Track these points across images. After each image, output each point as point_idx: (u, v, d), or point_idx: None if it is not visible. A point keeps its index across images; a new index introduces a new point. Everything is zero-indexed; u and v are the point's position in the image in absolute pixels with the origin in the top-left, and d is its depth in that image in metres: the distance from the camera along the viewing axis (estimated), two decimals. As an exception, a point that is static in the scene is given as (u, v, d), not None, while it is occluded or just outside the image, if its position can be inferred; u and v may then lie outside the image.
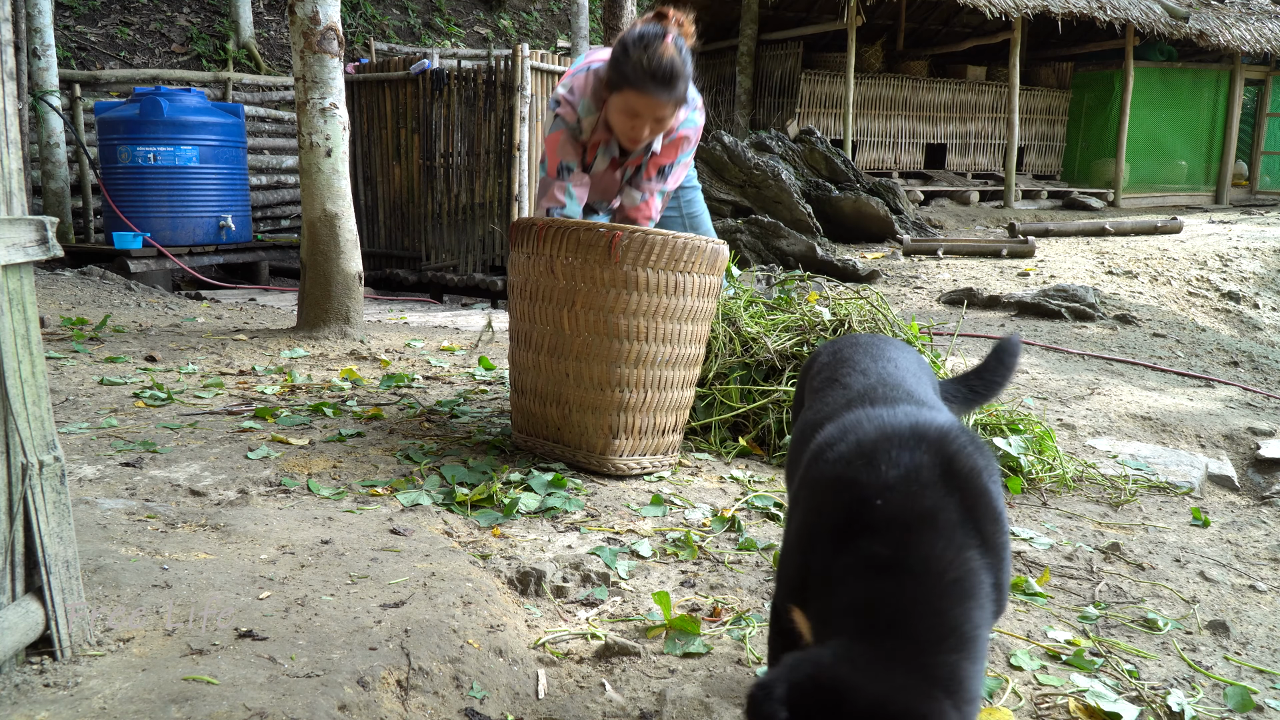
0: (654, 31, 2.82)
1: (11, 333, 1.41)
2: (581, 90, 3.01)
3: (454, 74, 8.59)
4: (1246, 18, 13.40)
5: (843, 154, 10.59)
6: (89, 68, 12.04)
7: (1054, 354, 5.17)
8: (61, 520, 1.50)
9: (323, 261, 4.99)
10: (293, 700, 1.44)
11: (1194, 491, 3.24)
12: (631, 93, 2.83)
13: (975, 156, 13.75)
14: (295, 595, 1.83)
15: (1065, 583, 2.39)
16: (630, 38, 2.84)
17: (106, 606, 1.69)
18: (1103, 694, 1.79)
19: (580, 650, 1.91)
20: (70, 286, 6.88)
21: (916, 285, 7.63)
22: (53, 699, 1.42)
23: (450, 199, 8.82)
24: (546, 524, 2.50)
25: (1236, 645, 2.12)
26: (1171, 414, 4.02)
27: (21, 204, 1.43)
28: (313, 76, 4.85)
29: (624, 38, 2.86)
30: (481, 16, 17.44)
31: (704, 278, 2.84)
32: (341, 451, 2.96)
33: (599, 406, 2.81)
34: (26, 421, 1.43)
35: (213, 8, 14.35)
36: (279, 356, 4.50)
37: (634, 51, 2.80)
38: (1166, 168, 14.48)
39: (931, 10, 14.09)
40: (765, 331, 3.37)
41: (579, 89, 3.02)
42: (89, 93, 10.21)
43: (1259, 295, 7.66)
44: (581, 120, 3.03)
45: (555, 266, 2.77)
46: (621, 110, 2.89)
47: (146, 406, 3.41)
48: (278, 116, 11.61)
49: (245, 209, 9.09)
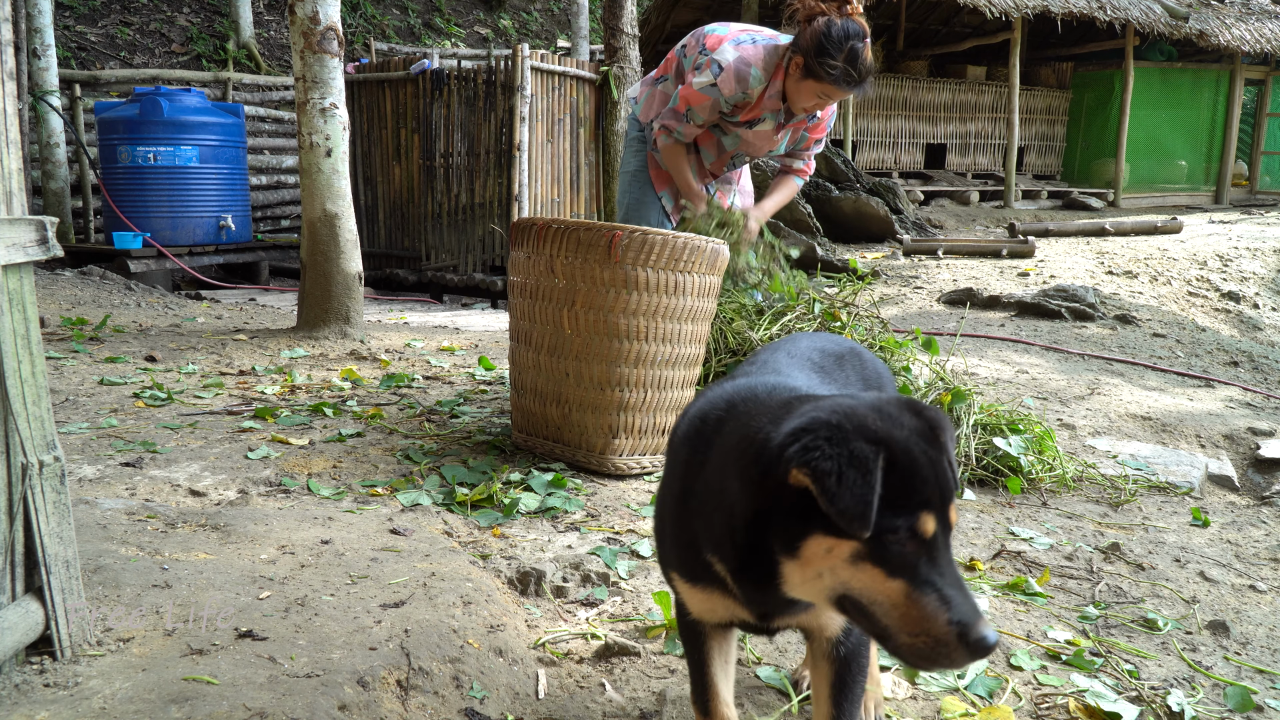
0: (855, 32, 3.05)
1: (11, 333, 1.41)
2: (753, 60, 3.22)
3: (454, 74, 8.59)
4: (1246, 18, 13.40)
5: (843, 154, 10.58)
6: (89, 68, 12.04)
7: (1054, 354, 5.17)
8: (61, 520, 1.50)
9: (323, 261, 4.99)
10: (293, 700, 1.44)
11: (1194, 491, 3.24)
12: (830, 87, 3.12)
13: (975, 156, 13.74)
14: (295, 595, 1.83)
15: (1065, 583, 2.39)
16: (832, 35, 3.04)
17: (106, 606, 1.69)
18: (1103, 694, 1.79)
19: (580, 650, 1.91)
20: (70, 286, 6.87)
21: (916, 285, 7.62)
22: (53, 699, 1.42)
23: (450, 199, 8.82)
24: (546, 524, 2.50)
25: (1236, 645, 2.12)
26: (1171, 414, 4.02)
27: (21, 204, 1.43)
28: (313, 76, 4.85)
29: (824, 32, 3.05)
30: (481, 16, 17.44)
31: (704, 277, 2.84)
32: (341, 451, 2.96)
33: (599, 406, 2.81)
34: (26, 421, 1.43)
35: (213, 8, 14.35)
36: (279, 356, 4.50)
37: (836, 54, 3.04)
38: (1166, 168, 14.47)
39: (931, 10, 14.09)
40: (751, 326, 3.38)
41: (750, 58, 3.22)
42: (89, 93, 10.21)
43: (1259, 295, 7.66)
44: (751, 89, 3.23)
45: (555, 266, 2.77)
46: (814, 93, 3.18)
47: (146, 406, 3.41)
48: (278, 116, 11.61)
49: (245, 209, 9.09)
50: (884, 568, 1.04)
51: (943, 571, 1.05)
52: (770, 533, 1.10)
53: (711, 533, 1.20)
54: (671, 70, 3.53)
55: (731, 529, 1.15)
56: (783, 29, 3.30)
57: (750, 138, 3.47)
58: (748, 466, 1.12)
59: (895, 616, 1.04)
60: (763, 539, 1.11)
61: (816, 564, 1.07)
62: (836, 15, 3.05)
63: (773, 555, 1.10)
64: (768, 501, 1.10)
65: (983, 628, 1.02)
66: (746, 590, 1.19)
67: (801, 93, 3.21)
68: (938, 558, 1.05)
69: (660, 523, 1.39)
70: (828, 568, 1.06)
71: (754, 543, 1.13)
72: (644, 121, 3.63)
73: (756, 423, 1.17)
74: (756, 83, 3.23)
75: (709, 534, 1.20)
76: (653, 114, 3.59)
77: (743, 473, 1.13)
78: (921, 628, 1.02)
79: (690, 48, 3.43)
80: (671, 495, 1.32)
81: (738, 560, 1.16)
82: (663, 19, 13.46)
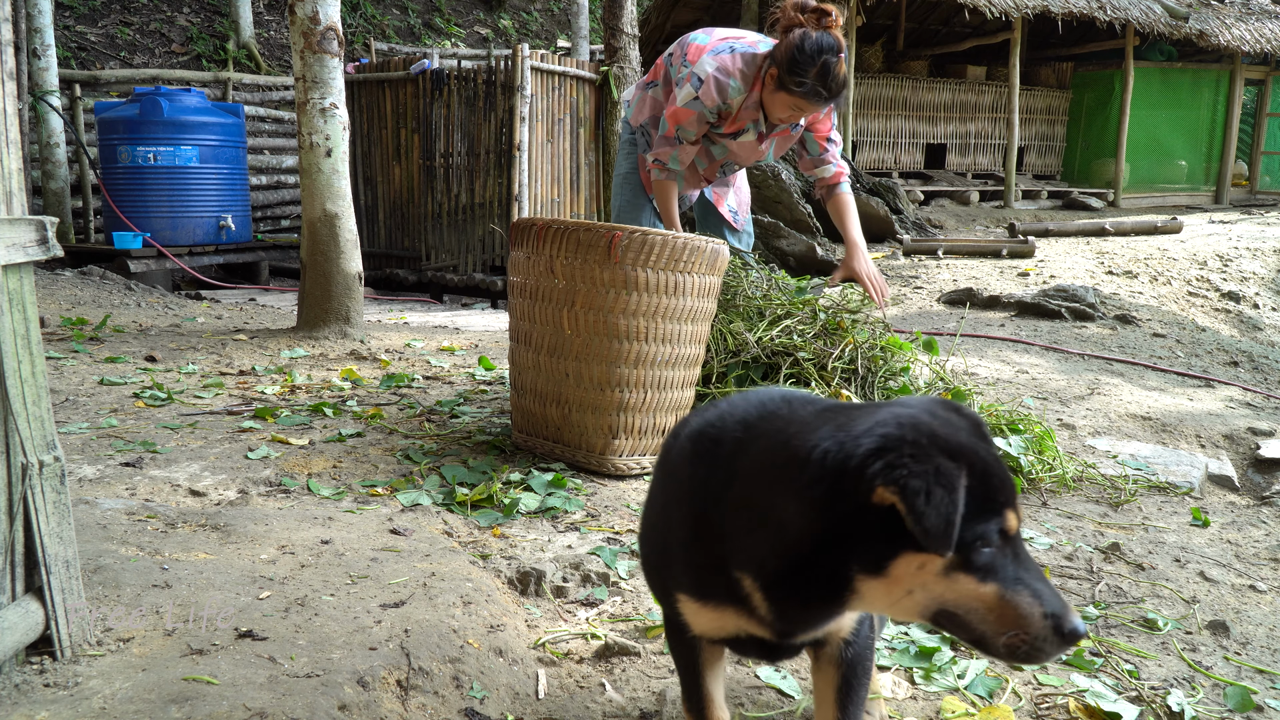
0: (829, 46, 3.04)
1: (11, 333, 1.41)
2: (732, 70, 3.23)
3: (454, 74, 8.59)
4: (1246, 18, 13.39)
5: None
6: (89, 68, 12.04)
7: (1054, 354, 5.17)
8: (61, 520, 1.50)
9: (323, 261, 4.99)
10: (293, 700, 1.44)
11: (1194, 491, 3.24)
12: (802, 100, 3.12)
13: (975, 156, 13.74)
14: (295, 595, 1.83)
15: (1065, 583, 2.39)
16: (805, 49, 3.04)
17: (106, 606, 1.69)
18: (1103, 694, 1.79)
19: (580, 650, 1.91)
20: (70, 286, 6.87)
21: (917, 285, 7.62)
22: (53, 699, 1.42)
23: (450, 199, 8.82)
24: (546, 524, 2.50)
25: (1236, 645, 2.12)
26: (1171, 414, 4.02)
27: (21, 204, 1.43)
28: (313, 76, 4.85)
29: (797, 46, 3.05)
30: (481, 16, 17.44)
31: (704, 278, 2.84)
32: (341, 451, 2.96)
33: (599, 406, 2.81)
34: (26, 421, 1.43)
35: (213, 8, 14.35)
36: (279, 356, 4.50)
37: (809, 68, 3.04)
38: (1166, 168, 14.47)
39: (931, 10, 14.08)
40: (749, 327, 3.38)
41: (728, 69, 3.23)
42: (89, 93, 10.21)
43: (1259, 295, 7.66)
44: (730, 99, 3.25)
45: (555, 266, 2.77)
46: (787, 105, 3.20)
47: (146, 406, 3.41)
48: (278, 116, 11.61)
49: (245, 209, 9.09)
50: (976, 574, 1.04)
51: (1027, 566, 1.06)
52: (845, 553, 1.07)
53: (752, 553, 1.15)
54: (660, 76, 3.56)
55: (784, 549, 1.12)
56: (767, 33, 3.32)
57: (735, 149, 3.48)
58: (808, 486, 1.09)
59: (992, 620, 1.05)
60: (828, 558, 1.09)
61: (907, 582, 1.05)
62: (814, 28, 3.06)
63: (846, 574, 1.08)
64: (836, 521, 1.07)
65: (1074, 618, 1.04)
66: (783, 609, 1.16)
67: (776, 104, 3.23)
68: (1020, 554, 1.07)
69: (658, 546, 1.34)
70: (919, 584, 1.05)
71: (817, 562, 1.09)
72: (634, 125, 3.66)
73: (802, 440, 1.12)
74: (736, 93, 3.25)
75: (748, 554, 1.16)
76: (644, 118, 3.61)
77: (801, 492, 1.09)
78: (1018, 626, 1.04)
79: (675, 56, 3.47)
80: (678, 519, 1.28)
81: (787, 582, 1.13)
82: (663, 19, 13.46)
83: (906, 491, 1.01)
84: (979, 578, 1.04)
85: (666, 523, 1.32)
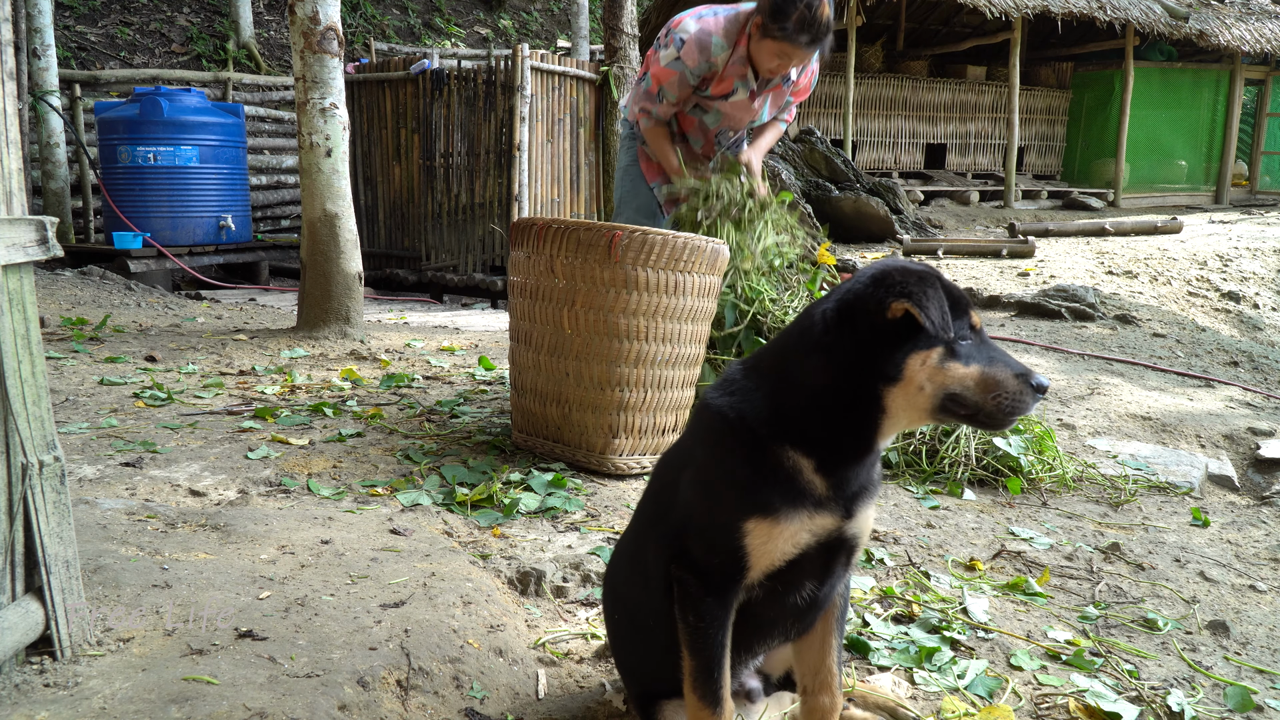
0: None
1: (11, 333, 1.41)
2: (714, 29, 3.25)
3: (454, 74, 8.59)
4: (1246, 18, 13.39)
5: (843, 154, 10.58)
6: (89, 68, 12.04)
7: (1054, 354, 5.17)
8: (61, 520, 1.50)
9: (323, 261, 4.99)
10: (293, 700, 1.44)
11: (1194, 491, 3.24)
12: (788, 45, 3.14)
13: (975, 156, 13.74)
14: (295, 595, 1.83)
15: (1065, 583, 2.39)
16: None
17: (106, 606, 1.69)
18: (1103, 694, 1.79)
19: (580, 650, 1.91)
20: (70, 286, 6.87)
21: (916, 285, 7.62)
22: (53, 699, 1.42)
23: (450, 199, 8.82)
24: (546, 524, 2.50)
25: (1236, 645, 2.12)
26: (1171, 414, 4.02)
27: (21, 204, 1.43)
28: (313, 76, 4.85)
29: None
30: (481, 16, 17.44)
31: (704, 277, 2.84)
32: (341, 451, 2.96)
33: (599, 406, 2.81)
34: (26, 421, 1.43)
35: (213, 8, 14.35)
36: (279, 356, 4.50)
37: (791, 10, 3.07)
38: (1166, 168, 14.47)
39: (931, 10, 14.09)
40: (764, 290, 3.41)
41: (709, 28, 3.25)
42: (89, 93, 10.21)
43: (1259, 295, 7.66)
44: (714, 57, 3.27)
45: (555, 266, 2.77)
46: (774, 53, 3.20)
47: (146, 406, 3.41)
48: (278, 116, 11.61)
49: (245, 209, 9.09)
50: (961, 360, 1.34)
51: (993, 349, 1.38)
52: (869, 373, 1.34)
53: (803, 423, 1.37)
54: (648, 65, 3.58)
55: (824, 395, 1.36)
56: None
57: (729, 110, 3.50)
58: (830, 329, 1.37)
59: (979, 390, 1.34)
60: (857, 384, 1.35)
61: (918, 378, 1.33)
62: None
63: (874, 393, 1.34)
64: (856, 347, 1.35)
65: (1039, 376, 1.35)
66: (838, 472, 1.37)
67: (763, 53, 3.24)
68: (987, 342, 1.39)
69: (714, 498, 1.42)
70: (926, 377, 1.33)
71: (851, 394, 1.36)
72: (632, 120, 3.67)
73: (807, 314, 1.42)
74: (719, 50, 3.27)
75: (799, 427, 1.37)
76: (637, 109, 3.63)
77: (822, 338, 1.37)
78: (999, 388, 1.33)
79: (660, 38, 3.50)
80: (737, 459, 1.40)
81: (834, 433, 1.36)
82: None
83: (914, 297, 1.32)
84: (964, 362, 1.34)
85: (725, 470, 1.43)
